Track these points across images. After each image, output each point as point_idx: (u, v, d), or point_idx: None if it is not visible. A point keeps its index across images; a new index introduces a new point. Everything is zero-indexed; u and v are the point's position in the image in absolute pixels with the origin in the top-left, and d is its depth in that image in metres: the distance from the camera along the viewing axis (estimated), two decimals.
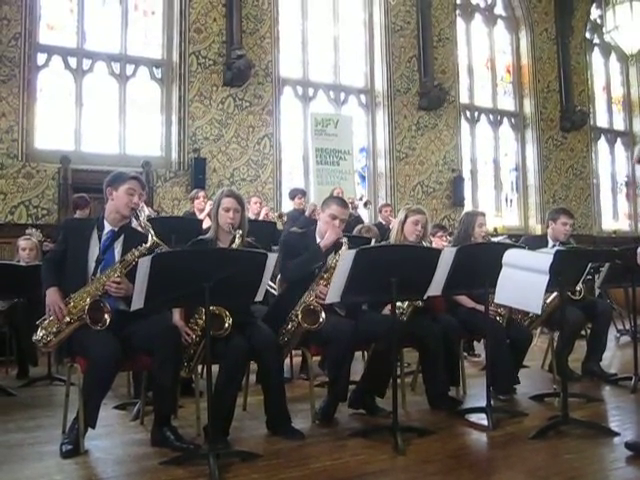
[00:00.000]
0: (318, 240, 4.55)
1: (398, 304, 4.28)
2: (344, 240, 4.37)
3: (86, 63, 10.12)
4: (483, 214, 5.56)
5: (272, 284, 5.08)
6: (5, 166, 9.11)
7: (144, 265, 3.28)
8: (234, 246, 3.98)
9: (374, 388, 4.45)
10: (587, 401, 4.75)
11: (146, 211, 5.41)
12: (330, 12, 12.44)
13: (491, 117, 14.14)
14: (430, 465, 3.43)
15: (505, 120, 14.33)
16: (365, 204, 9.99)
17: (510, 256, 3.90)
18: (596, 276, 5.80)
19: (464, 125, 13.52)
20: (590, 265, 4.73)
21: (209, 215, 6.60)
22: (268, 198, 10.74)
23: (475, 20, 14.18)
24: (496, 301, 4.06)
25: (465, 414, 4.41)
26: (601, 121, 15.92)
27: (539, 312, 4.38)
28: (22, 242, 6.39)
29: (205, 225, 6.27)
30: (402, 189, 12.36)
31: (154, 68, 10.67)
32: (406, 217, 4.95)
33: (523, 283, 3.69)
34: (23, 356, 6.17)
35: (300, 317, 4.19)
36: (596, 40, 15.90)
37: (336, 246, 4.40)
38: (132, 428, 4.22)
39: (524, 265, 3.77)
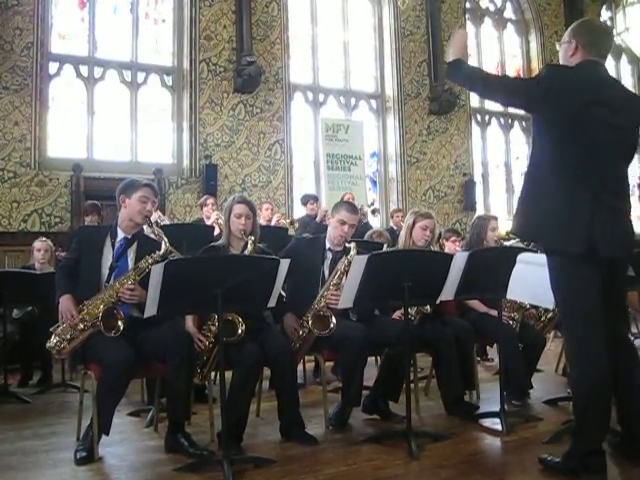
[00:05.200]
0: (328, 246, 4.57)
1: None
2: (352, 245, 4.37)
3: (97, 71, 10.19)
4: (495, 218, 5.54)
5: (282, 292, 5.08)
6: (18, 174, 9.18)
7: (157, 272, 3.29)
8: (246, 252, 4.00)
9: (388, 393, 4.44)
10: None
11: (154, 216, 5.42)
12: (340, 17, 12.48)
13: (502, 120, 14.11)
14: (444, 470, 3.42)
15: (516, 123, 14.30)
16: (373, 212, 9.96)
17: (525, 255, 3.91)
18: None
19: (475, 129, 13.51)
20: None
21: (217, 223, 6.63)
22: (279, 204, 10.77)
23: (485, 24, 14.18)
24: (508, 297, 4.03)
25: (479, 419, 4.39)
26: None
27: (551, 307, 4.38)
28: (37, 243, 6.56)
29: (217, 231, 6.28)
30: (413, 194, 12.36)
31: (165, 75, 10.73)
32: (414, 222, 4.94)
33: (536, 278, 3.67)
34: (37, 362, 6.23)
35: (311, 323, 4.20)
36: None
37: (345, 250, 4.41)
38: (146, 435, 4.23)
39: (538, 262, 3.77)
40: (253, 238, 4.07)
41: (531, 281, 3.74)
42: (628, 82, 16.18)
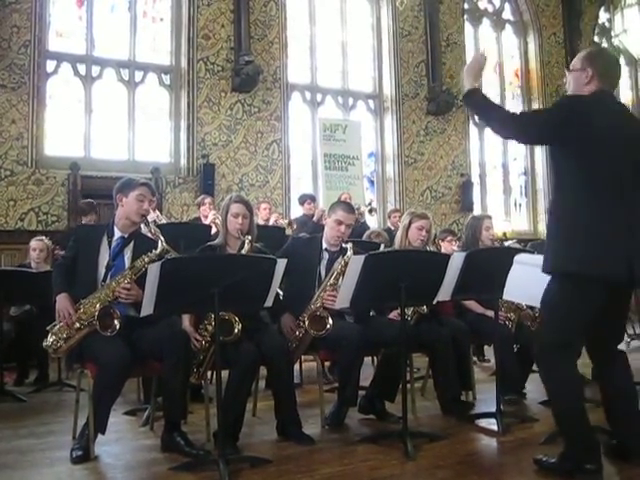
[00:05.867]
0: (325, 246, 4.58)
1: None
2: (349, 245, 4.37)
3: (95, 70, 10.16)
4: (489, 217, 5.55)
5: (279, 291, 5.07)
6: (15, 173, 9.16)
7: (154, 271, 3.29)
8: (243, 252, 4.00)
9: (384, 393, 4.45)
10: (597, 406, 4.68)
11: (152, 215, 5.41)
12: (338, 17, 12.45)
13: None
14: (440, 470, 3.42)
15: None
16: (370, 211, 9.96)
17: (522, 256, 3.92)
18: None
19: (473, 130, 13.48)
20: None
21: (214, 222, 6.62)
22: (277, 204, 10.75)
23: (483, 25, 14.16)
24: (505, 297, 4.03)
25: (475, 419, 4.39)
26: None
27: None
28: (33, 242, 6.56)
29: (214, 231, 6.28)
30: (411, 194, 12.36)
31: (163, 74, 10.70)
32: (410, 222, 4.95)
33: (533, 279, 3.68)
34: (33, 361, 6.23)
35: (307, 324, 4.20)
36: (604, 44, 15.83)
37: (342, 250, 4.42)
38: (142, 434, 4.23)
39: (535, 263, 3.77)
40: (250, 237, 4.07)
41: (528, 282, 3.74)
42: (625, 84, 16.20)
